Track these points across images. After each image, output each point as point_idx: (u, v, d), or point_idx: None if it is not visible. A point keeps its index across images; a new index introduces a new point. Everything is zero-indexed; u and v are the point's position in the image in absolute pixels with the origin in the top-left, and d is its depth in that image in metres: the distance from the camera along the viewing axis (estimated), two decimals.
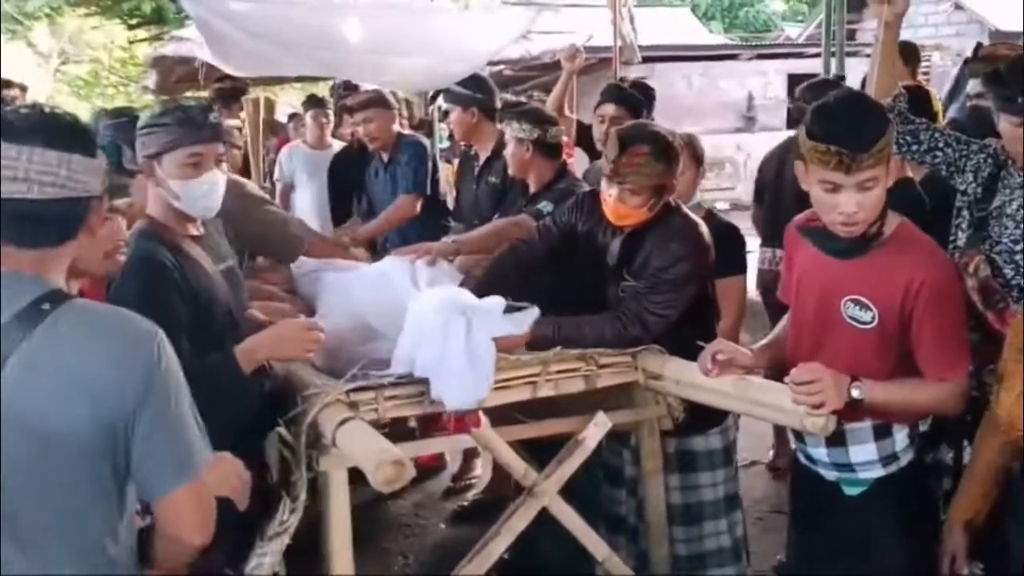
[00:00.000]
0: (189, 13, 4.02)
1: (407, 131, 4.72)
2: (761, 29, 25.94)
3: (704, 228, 2.78)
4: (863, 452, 2.21)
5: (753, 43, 19.25)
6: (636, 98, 3.82)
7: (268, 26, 4.07)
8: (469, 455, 4.64)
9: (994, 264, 2.57)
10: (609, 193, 2.68)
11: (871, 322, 2.12)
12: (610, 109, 3.76)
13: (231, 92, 5.45)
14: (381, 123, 4.33)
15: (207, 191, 2.37)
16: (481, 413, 3.44)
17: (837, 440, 2.20)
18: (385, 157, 4.41)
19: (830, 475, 2.28)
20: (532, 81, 10.87)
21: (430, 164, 4.34)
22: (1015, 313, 2.47)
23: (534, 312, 2.57)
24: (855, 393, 2.07)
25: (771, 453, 4.59)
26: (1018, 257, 2.54)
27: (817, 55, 15.54)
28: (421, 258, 2.88)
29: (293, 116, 9.73)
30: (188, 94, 11.73)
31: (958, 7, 15.19)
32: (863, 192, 2.02)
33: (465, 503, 4.40)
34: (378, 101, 4.34)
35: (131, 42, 17.40)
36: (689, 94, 14.36)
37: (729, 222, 3.28)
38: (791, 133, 4.56)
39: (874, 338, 2.13)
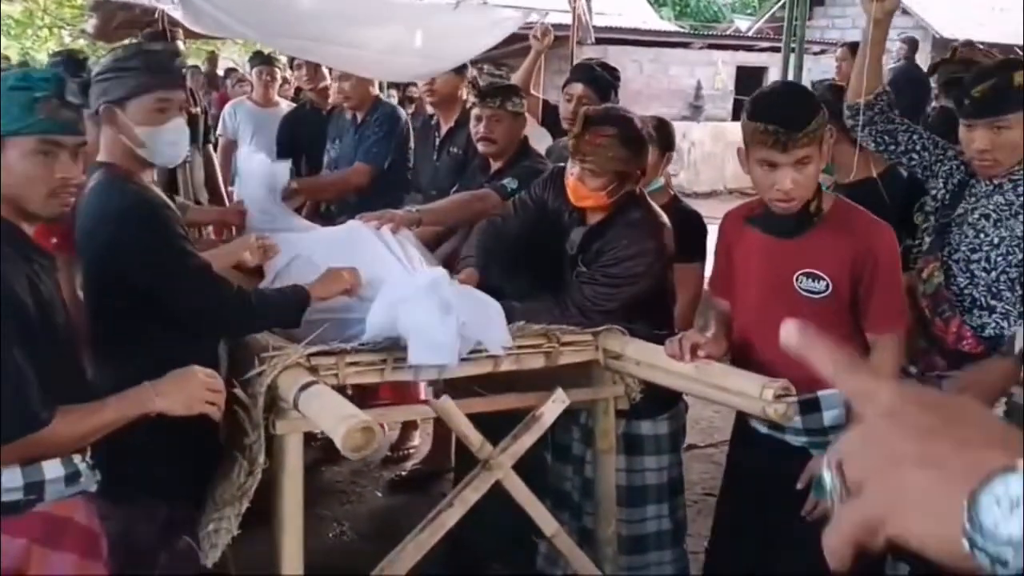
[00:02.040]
0: None
1: (386, 97, 4.62)
2: (711, 19, 26.15)
3: (666, 227, 2.76)
4: (836, 416, 2.30)
5: (704, 33, 19.38)
6: (606, 79, 3.80)
7: (249, 8, 3.97)
8: (407, 425, 4.62)
9: (949, 272, 2.64)
10: (571, 172, 2.67)
11: (825, 290, 2.31)
12: (578, 88, 3.74)
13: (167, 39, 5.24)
14: (356, 82, 4.21)
15: (174, 138, 2.31)
16: (422, 387, 3.45)
17: (811, 407, 2.28)
18: (358, 118, 4.29)
19: (798, 440, 2.37)
20: (485, 53, 10.76)
21: (400, 135, 4.24)
22: (960, 323, 2.58)
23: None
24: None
25: None
26: (974, 266, 2.60)
27: (766, 49, 15.89)
28: (384, 225, 2.83)
29: (231, 71, 9.54)
30: (126, 41, 11.45)
31: (904, 12, 15.48)
32: (798, 170, 2.23)
33: (403, 473, 4.39)
34: None
35: None
36: (639, 78, 14.43)
37: (692, 208, 3.30)
38: (736, 124, 4.62)
39: (829, 304, 2.30)
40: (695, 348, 2.32)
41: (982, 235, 2.59)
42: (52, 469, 1.86)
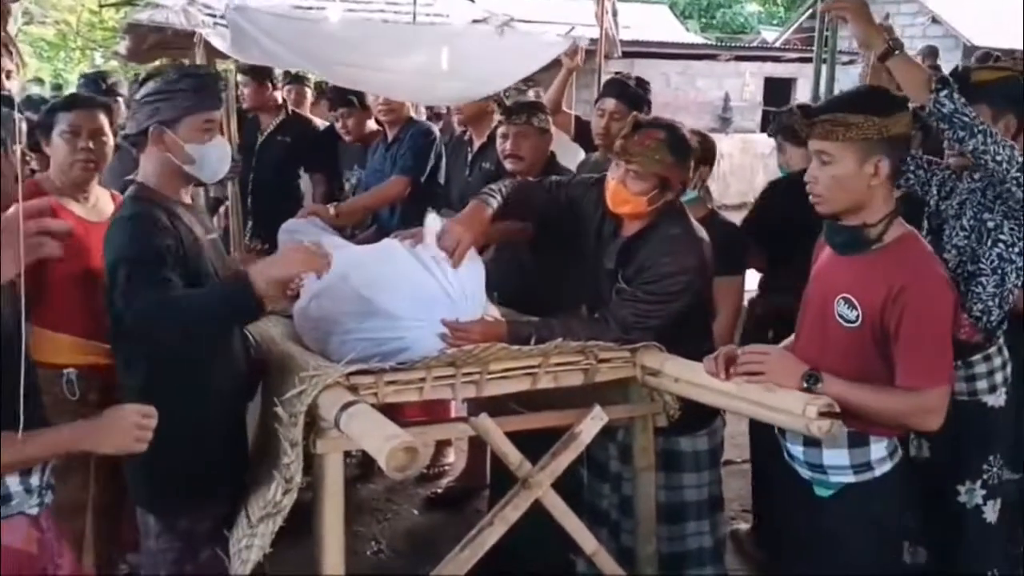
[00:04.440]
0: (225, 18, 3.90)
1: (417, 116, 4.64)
2: (737, 31, 26.09)
3: (706, 242, 2.75)
4: (836, 456, 2.24)
5: (731, 44, 19.34)
6: (638, 94, 3.79)
7: (299, 37, 4.00)
8: (442, 442, 4.62)
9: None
10: (613, 176, 2.68)
11: (855, 321, 2.17)
12: (611, 104, 3.73)
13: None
14: (395, 103, 4.27)
15: (220, 155, 2.46)
16: (453, 404, 3.44)
17: (813, 441, 2.23)
18: (389, 136, 4.33)
19: (805, 473, 2.33)
20: None
21: (433, 153, 4.26)
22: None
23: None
24: (810, 382, 2.13)
25: None
26: (958, 253, 2.71)
27: (794, 60, 15.81)
28: (419, 243, 2.83)
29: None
30: (158, 62, 11.58)
31: (935, 21, 15.39)
32: (820, 165, 2.19)
33: (438, 490, 4.38)
34: None
35: (101, 6, 17.02)
36: (666, 91, 14.42)
37: (730, 222, 3.28)
38: (765, 135, 4.62)
39: (857, 338, 2.17)
40: (731, 364, 2.30)
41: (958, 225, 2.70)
42: None
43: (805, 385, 2.13)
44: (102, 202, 2.96)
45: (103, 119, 2.91)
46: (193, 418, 2.30)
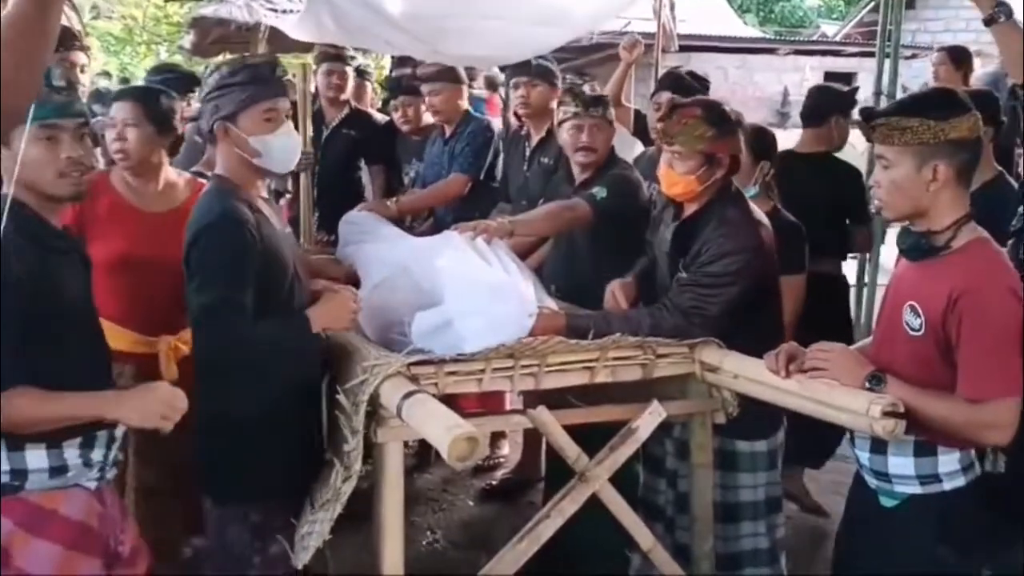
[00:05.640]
0: None
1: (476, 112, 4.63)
2: (796, 24, 25.73)
3: (764, 225, 2.73)
4: (902, 464, 2.16)
5: (790, 38, 19.06)
6: (694, 87, 3.77)
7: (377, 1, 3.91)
8: (497, 434, 4.65)
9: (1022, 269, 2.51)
10: (662, 163, 2.70)
11: (919, 330, 2.09)
12: (666, 97, 3.72)
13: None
14: (448, 96, 4.27)
15: (286, 143, 2.43)
16: (508, 396, 3.46)
17: (879, 447, 2.17)
18: (447, 131, 4.35)
19: (871, 481, 2.25)
20: (566, 63, 10.79)
21: (492, 149, 4.28)
22: None
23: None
24: (872, 383, 2.09)
25: None
26: None
27: (855, 54, 15.53)
28: (479, 235, 2.86)
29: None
30: (221, 56, 11.76)
31: None
32: (881, 169, 2.13)
33: (494, 482, 4.41)
34: (447, 74, 4.24)
35: (166, 1, 17.36)
36: (724, 86, 14.23)
37: (792, 219, 3.25)
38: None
39: (922, 346, 2.10)
40: (791, 361, 2.27)
41: None
42: (35, 459, 1.95)
43: (868, 386, 2.10)
44: (174, 190, 3.01)
45: (133, 110, 2.92)
46: (267, 411, 2.33)
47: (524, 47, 4.04)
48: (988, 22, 2.56)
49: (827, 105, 4.09)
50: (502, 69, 5.40)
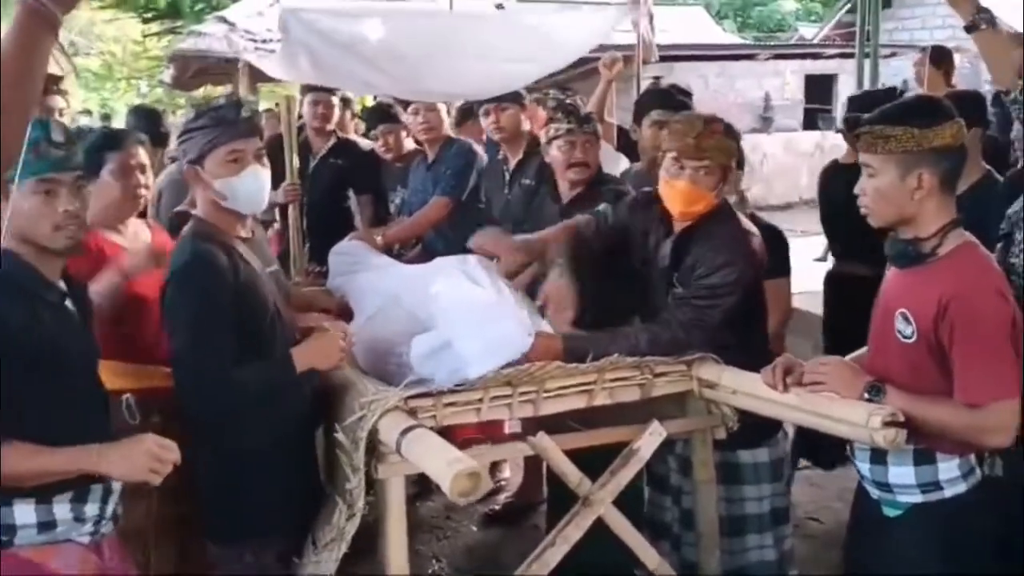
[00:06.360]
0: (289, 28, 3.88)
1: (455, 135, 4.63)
2: (775, 29, 25.86)
3: (755, 235, 2.74)
4: (902, 474, 2.15)
5: (769, 43, 19.17)
6: (683, 102, 3.78)
7: (353, 41, 3.98)
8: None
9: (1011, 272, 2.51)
10: (679, 180, 2.65)
11: (911, 337, 2.09)
12: (655, 114, 3.72)
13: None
14: (434, 120, 4.30)
15: (250, 185, 2.39)
16: (507, 423, 3.44)
17: (879, 458, 2.17)
18: (429, 157, 4.36)
19: (873, 492, 2.25)
20: (548, 78, 10.77)
21: (474, 170, 4.28)
22: None
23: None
24: (872, 394, 2.08)
25: None
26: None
27: (835, 56, 15.61)
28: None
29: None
30: (202, 89, 11.77)
31: None
32: (867, 176, 2.12)
33: (496, 507, 4.39)
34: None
35: (144, 36, 17.42)
36: (706, 94, 14.29)
37: (772, 224, 3.25)
38: (808, 134, 4.62)
39: (915, 353, 2.09)
40: (787, 374, 2.26)
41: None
42: (23, 514, 1.93)
43: (867, 396, 2.09)
44: (140, 231, 2.99)
45: (144, 154, 2.92)
46: (261, 450, 2.32)
47: (502, 83, 4.10)
48: (970, 29, 2.55)
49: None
50: None
